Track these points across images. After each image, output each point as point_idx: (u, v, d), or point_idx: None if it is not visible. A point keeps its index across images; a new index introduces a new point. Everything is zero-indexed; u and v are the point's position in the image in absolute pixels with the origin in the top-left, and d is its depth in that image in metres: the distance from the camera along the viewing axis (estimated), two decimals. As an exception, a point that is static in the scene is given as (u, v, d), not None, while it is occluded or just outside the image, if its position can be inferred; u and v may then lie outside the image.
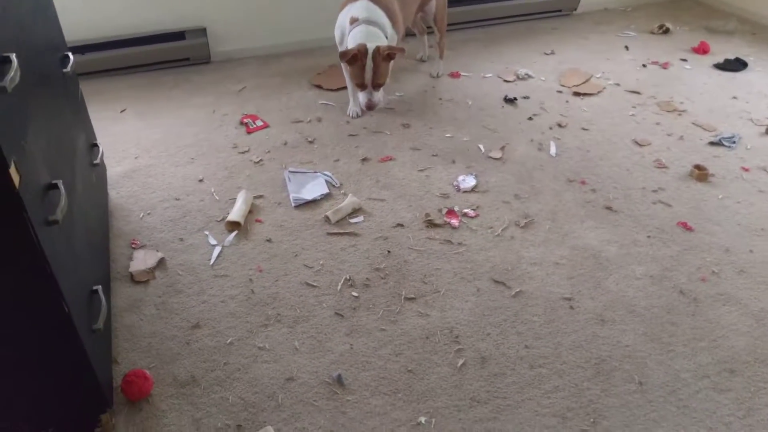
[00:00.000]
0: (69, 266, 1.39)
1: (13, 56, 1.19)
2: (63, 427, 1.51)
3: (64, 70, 1.88)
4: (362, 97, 2.63)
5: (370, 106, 2.63)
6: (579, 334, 1.87)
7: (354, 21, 2.62)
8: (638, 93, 3.24)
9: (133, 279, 2.03)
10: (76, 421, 1.53)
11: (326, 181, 2.49)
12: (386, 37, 2.62)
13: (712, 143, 2.80)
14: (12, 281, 1.21)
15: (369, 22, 2.59)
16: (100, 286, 1.62)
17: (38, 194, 1.26)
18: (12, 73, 1.15)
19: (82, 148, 1.95)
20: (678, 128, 2.93)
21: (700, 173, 2.55)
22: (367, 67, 2.51)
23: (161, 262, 2.10)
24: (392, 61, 2.60)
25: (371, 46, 2.50)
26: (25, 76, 1.31)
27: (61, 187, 1.37)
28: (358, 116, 2.97)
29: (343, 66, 2.74)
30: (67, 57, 1.95)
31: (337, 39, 2.79)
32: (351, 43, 2.57)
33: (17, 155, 1.14)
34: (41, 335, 1.32)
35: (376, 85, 2.58)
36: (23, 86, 1.30)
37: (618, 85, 3.32)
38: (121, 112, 2.97)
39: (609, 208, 2.38)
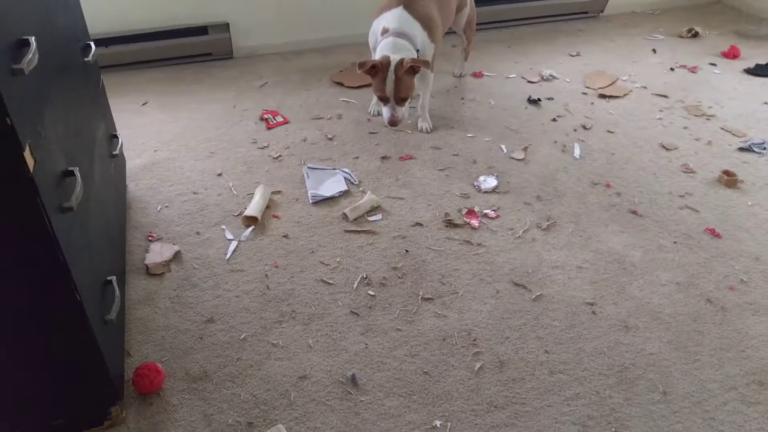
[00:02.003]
0: (83, 255, 1.37)
1: (32, 39, 1.17)
2: (73, 419, 1.49)
3: (86, 59, 1.87)
4: (385, 112, 2.49)
5: (393, 122, 2.48)
6: (601, 341, 1.81)
7: (385, 32, 2.49)
8: (666, 96, 3.17)
9: (148, 271, 2.02)
10: (87, 412, 1.50)
11: (345, 179, 2.46)
12: (417, 49, 2.49)
13: (741, 149, 2.73)
14: (24, 268, 1.19)
15: (399, 34, 2.46)
16: (114, 277, 1.60)
17: (53, 180, 1.24)
18: (30, 56, 1.13)
19: (101, 138, 1.93)
20: (706, 133, 2.85)
21: (729, 179, 2.47)
22: (388, 80, 2.37)
23: (177, 255, 2.08)
24: (416, 75, 2.46)
25: (395, 58, 2.37)
26: (44, 61, 1.30)
27: (77, 174, 1.35)
28: (378, 114, 2.92)
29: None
30: (89, 46, 1.94)
31: (371, 45, 2.65)
32: (378, 55, 2.45)
33: (33, 139, 1.12)
34: (52, 324, 1.30)
35: (399, 99, 2.43)
36: (42, 71, 1.29)
37: (645, 88, 3.25)
38: (143, 105, 2.97)
39: (634, 213, 2.32)
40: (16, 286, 1.21)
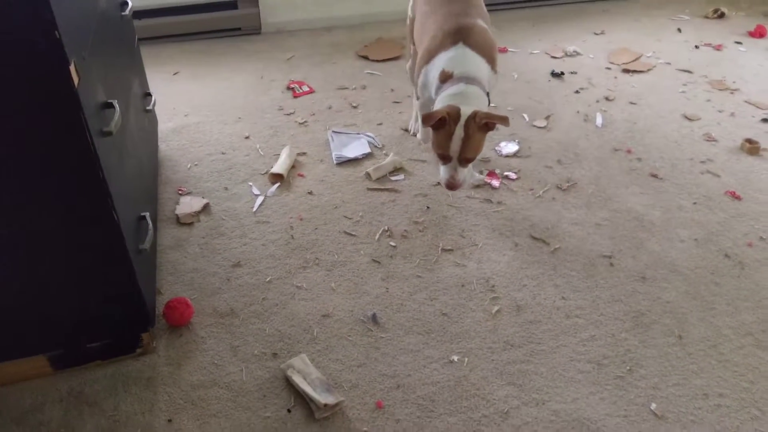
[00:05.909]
0: (120, 181, 1.45)
1: (77, -31, 1.25)
2: (107, 343, 1.57)
3: (123, 14, 1.96)
4: (443, 172, 1.94)
5: (452, 186, 1.93)
6: (618, 289, 1.84)
7: (447, 78, 1.95)
8: (689, 72, 3.17)
9: (178, 221, 2.10)
10: (120, 338, 1.58)
11: (369, 142, 2.52)
12: (487, 93, 1.98)
13: (765, 120, 2.72)
14: (67, 184, 1.27)
15: (467, 78, 1.93)
16: (148, 213, 1.67)
17: (94, 107, 1.31)
18: (75, -18, 1.20)
19: (136, 91, 2.02)
20: (730, 105, 2.85)
21: (752, 147, 2.48)
22: (455, 136, 1.83)
23: (206, 208, 2.16)
24: (489, 132, 1.90)
25: (466, 111, 1.83)
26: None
27: (116, 105, 1.43)
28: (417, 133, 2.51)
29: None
30: (126, 2, 2.03)
31: (422, 100, 2.20)
32: (441, 105, 1.91)
33: (77, 59, 1.20)
34: (92, 245, 1.37)
35: (464, 160, 1.88)
36: (85, 7, 1.37)
37: (669, 64, 3.25)
38: (174, 74, 3.06)
39: (654, 176, 2.34)
40: (58, 202, 1.28)
